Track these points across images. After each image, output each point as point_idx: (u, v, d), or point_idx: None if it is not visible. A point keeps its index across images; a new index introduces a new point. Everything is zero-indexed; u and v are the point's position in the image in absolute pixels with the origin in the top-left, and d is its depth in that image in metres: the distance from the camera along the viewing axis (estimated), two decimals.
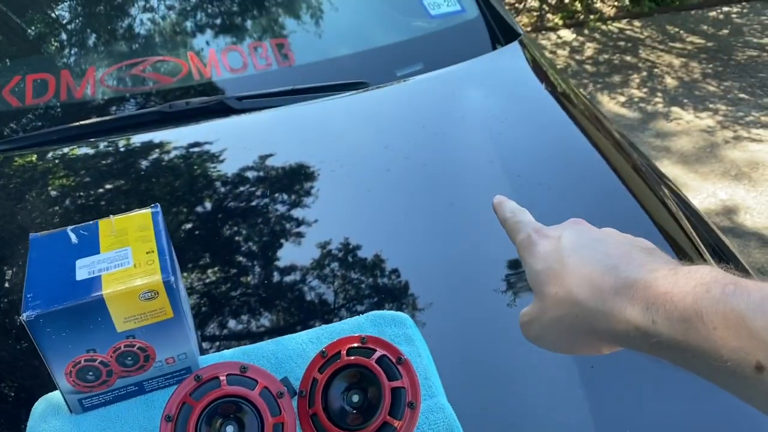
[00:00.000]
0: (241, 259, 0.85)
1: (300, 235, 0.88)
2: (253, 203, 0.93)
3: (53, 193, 0.97)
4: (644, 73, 3.32)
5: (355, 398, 0.62)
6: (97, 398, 0.64)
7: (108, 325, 0.59)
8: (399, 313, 0.73)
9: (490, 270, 0.80)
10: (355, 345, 0.64)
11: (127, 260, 0.61)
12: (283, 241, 0.87)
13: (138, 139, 1.06)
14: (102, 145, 1.05)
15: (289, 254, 0.84)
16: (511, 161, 0.98)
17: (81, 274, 0.60)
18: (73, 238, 0.64)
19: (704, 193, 2.39)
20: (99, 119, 1.08)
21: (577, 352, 0.43)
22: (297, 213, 0.91)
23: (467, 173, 0.98)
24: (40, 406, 0.66)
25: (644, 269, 0.38)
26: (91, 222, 0.66)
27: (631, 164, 1.07)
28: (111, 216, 0.66)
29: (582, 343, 0.42)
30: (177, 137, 1.06)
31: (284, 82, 1.15)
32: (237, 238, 0.88)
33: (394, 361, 0.62)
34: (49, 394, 0.67)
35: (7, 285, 0.83)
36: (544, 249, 0.45)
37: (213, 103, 1.09)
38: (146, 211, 0.67)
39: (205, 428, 0.59)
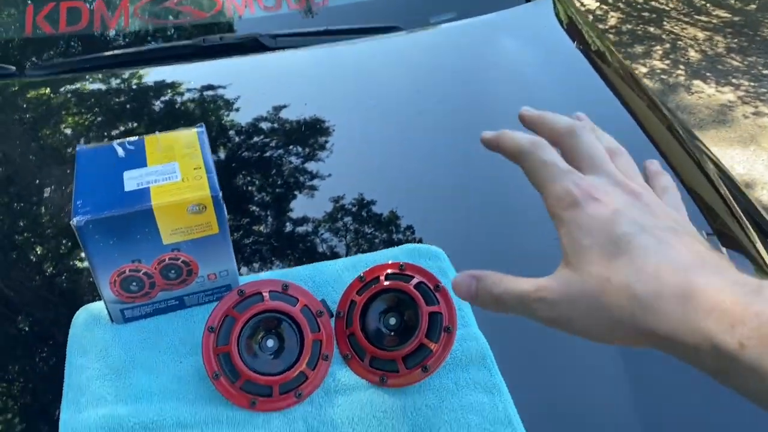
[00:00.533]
0: (276, 190, 0.86)
1: (333, 170, 0.89)
2: (285, 136, 0.94)
3: (82, 118, 0.98)
4: (667, 45, 3.27)
5: (392, 321, 0.63)
6: (138, 310, 0.65)
7: (154, 237, 0.60)
8: (433, 246, 0.74)
9: (523, 210, 0.81)
10: (394, 271, 0.65)
11: (174, 174, 0.61)
12: (317, 175, 0.87)
13: (170, 71, 1.06)
14: (135, 75, 1.05)
15: (324, 187, 0.85)
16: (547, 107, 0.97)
17: (129, 185, 0.60)
18: (120, 151, 0.64)
19: None
20: (132, 50, 1.08)
21: (609, 342, 0.37)
22: (330, 149, 0.92)
23: (498, 121, 0.97)
24: (81, 315, 0.67)
25: (726, 279, 0.34)
26: (136, 137, 0.66)
27: (667, 125, 1.06)
28: (156, 132, 0.67)
29: (623, 336, 0.36)
30: (210, 71, 1.06)
31: (317, 24, 1.14)
32: (272, 169, 0.89)
33: (431, 287, 0.63)
34: (90, 304, 0.68)
35: (52, 198, 0.84)
36: (593, 218, 0.38)
37: (247, 39, 1.08)
38: (192, 131, 0.67)
39: (246, 340, 0.60)
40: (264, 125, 0.96)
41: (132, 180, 0.61)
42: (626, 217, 0.37)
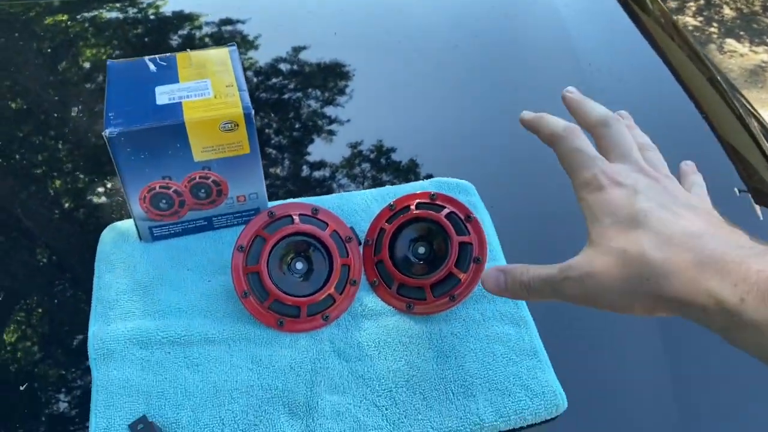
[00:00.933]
0: (305, 121, 0.84)
1: (364, 104, 0.87)
2: (315, 68, 0.92)
3: (103, 43, 0.96)
4: (701, 1, 3.17)
5: (421, 250, 0.63)
6: (167, 228, 0.65)
7: (186, 153, 0.59)
8: (463, 180, 0.72)
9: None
10: (424, 201, 0.64)
11: (207, 91, 0.60)
12: (346, 108, 0.86)
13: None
14: (153, 5, 1.03)
15: (354, 121, 0.83)
16: (582, 50, 0.95)
17: (161, 99, 0.59)
18: (151, 66, 0.63)
19: None
20: None
21: (632, 312, 0.40)
22: (361, 84, 0.90)
23: (536, 56, 0.95)
24: (109, 232, 0.67)
25: (733, 243, 0.36)
26: (167, 54, 0.65)
27: (708, 77, 1.03)
28: (188, 50, 0.66)
29: (642, 304, 0.39)
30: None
31: None
32: (301, 100, 0.87)
33: (462, 217, 0.62)
34: (118, 222, 0.68)
35: (79, 117, 0.83)
36: (614, 200, 0.41)
37: None
38: (224, 49, 0.66)
39: (275, 261, 0.60)
40: (290, 56, 0.94)
41: (164, 95, 0.60)
42: (645, 195, 0.40)
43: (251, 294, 0.59)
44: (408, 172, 0.77)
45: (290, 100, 0.88)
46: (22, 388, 0.57)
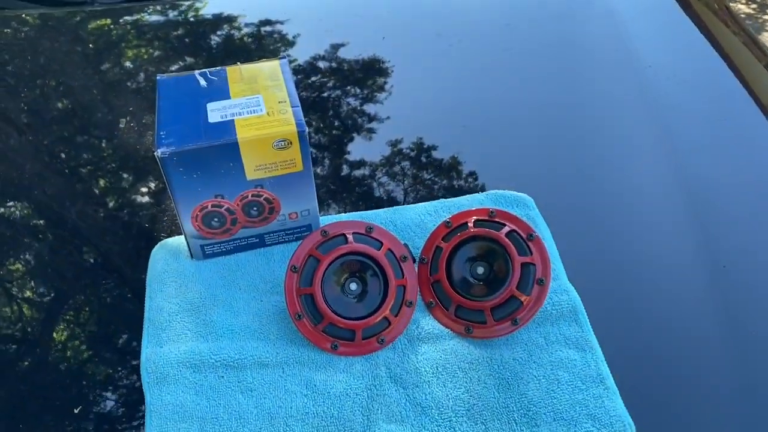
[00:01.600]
0: (352, 131, 0.82)
1: (414, 112, 0.84)
2: (361, 73, 0.90)
3: (148, 49, 0.96)
4: None
5: (480, 270, 0.60)
6: (218, 246, 0.64)
7: (238, 172, 0.58)
8: (522, 194, 0.69)
9: (614, 158, 0.76)
10: (482, 218, 0.61)
11: (259, 108, 0.58)
12: (395, 116, 0.83)
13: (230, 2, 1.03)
14: (191, 8, 1.02)
15: (403, 129, 0.81)
16: (640, 50, 0.90)
17: (213, 117, 0.58)
18: (202, 81, 0.62)
19: None
20: None
21: None
22: (412, 89, 0.88)
23: (594, 58, 0.91)
24: (159, 250, 0.66)
25: None
26: (218, 67, 0.64)
27: (765, 64, 0.98)
28: (238, 63, 0.64)
29: None
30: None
31: None
32: (348, 109, 0.85)
33: (524, 236, 0.59)
34: (168, 239, 0.67)
35: (127, 130, 0.82)
36: None
37: None
38: (275, 62, 0.64)
39: (329, 282, 0.58)
40: (334, 61, 0.92)
41: (216, 112, 0.58)
42: None
43: (305, 316, 0.58)
44: (462, 181, 0.74)
45: (334, 102, 0.86)
46: (76, 411, 0.57)
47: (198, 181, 0.58)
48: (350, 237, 0.60)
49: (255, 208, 0.61)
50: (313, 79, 0.89)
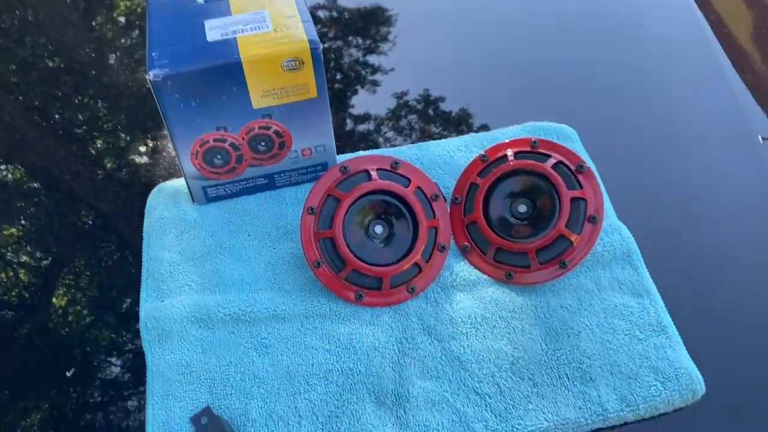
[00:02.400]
0: (376, 57, 0.74)
1: (441, 42, 0.76)
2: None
3: None
4: None
5: (523, 208, 0.53)
6: (223, 188, 0.57)
7: (243, 98, 0.50)
8: (563, 125, 0.62)
9: (655, 83, 0.68)
10: (524, 149, 0.54)
11: (265, 23, 0.50)
12: (420, 45, 0.75)
13: None
14: None
15: (428, 59, 0.73)
16: None
17: (212, 35, 0.50)
18: None
19: None
20: None
21: None
22: (440, 20, 0.79)
23: None
24: (157, 194, 0.59)
25: None
26: None
27: None
28: None
29: None
30: None
31: None
32: (373, 34, 0.77)
33: (573, 168, 0.52)
34: (167, 182, 0.60)
35: (118, 60, 0.74)
36: None
37: None
38: None
39: (351, 225, 0.51)
40: (334, 10, 0.83)
41: (215, 30, 0.50)
42: None
43: (324, 263, 0.51)
44: (492, 118, 0.67)
45: (353, 41, 0.78)
46: (69, 374, 0.50)
47: (197, 111, 0.50)
48: (374, 173, 0.52)
49: (263, 143, 0.54)
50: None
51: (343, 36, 0.78)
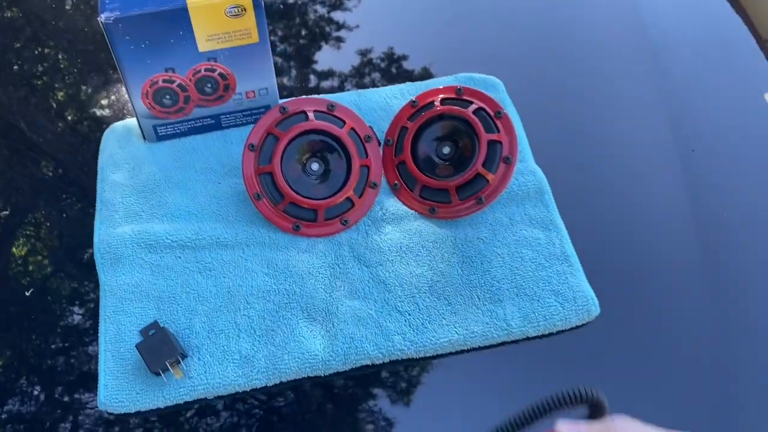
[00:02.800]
0: (318, 13, 0.78)
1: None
2: None
3: None
4: None
5: (446, 150, 0.58)
6: (172, 127, 0.61)
7: (189, 42, 0.54)
8: (490, 76, 0.67)
9: (584, 37, 0.74)
10: (449, 96, 0.59)
11: None
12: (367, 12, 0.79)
13: None
14: None
15: (369, 9, 0.77)
16: None
17: None
18: None
19: None
20: None
21: None
22: None
23: None
24: (111, 132, 0.63)
25: None
26: None
27: None
28: None
29: None
30: None
31: None
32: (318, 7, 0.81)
33: (492, 114, 0.57)
34: (121, 122, 0.64)
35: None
36: None
37: None
38: None
39: (289, 162, 0.56)
40: None
41: None
42: None
43: (264, 196, 0.56)
44: (430, 67, 0.71)
45: (287, 1, 0.81)
46: (28, 294, 0.55)
47: (147, 52, 0.54)
48: (311, 114, 0.57)
49: (209, 84, 0.58)
50: None
51: None
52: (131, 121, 0.63)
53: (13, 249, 0.58)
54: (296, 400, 0.50)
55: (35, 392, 0.50)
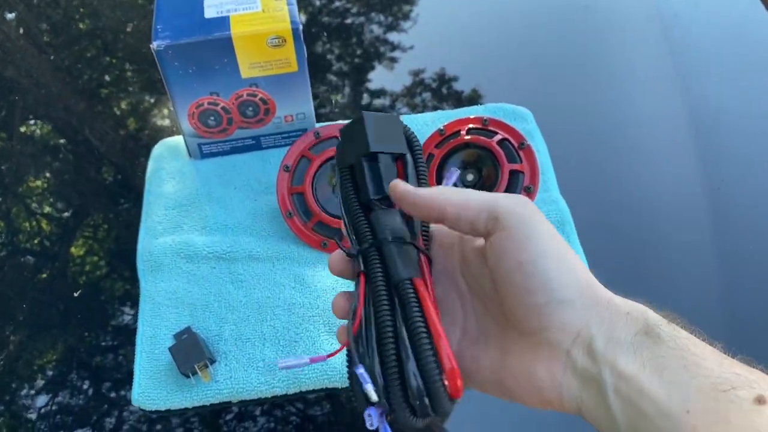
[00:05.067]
0: (356, 43, 0.82)
1: (417, 27, 0.83)
2: None
3: None
4: None
5: (470, 177, 0.61)
6: (215, 146, 0.65)
7: (233, 68, 0.58)
8: (520, 107, 0.69)
9: (613, 76, 0.75)
10: (476, 126, 0.61)
11: (255, 4, 0.58)
12: (397, 30, 0.83)
13: None
14: None
15: (405, 44, 0.80)
16: None
17: (209, 12, 0.58)
18: None
19: None
20: None
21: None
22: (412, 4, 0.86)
23: None
24: (159, 148, 0.68)
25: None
26: None
27: None
28: None
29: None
30: None
31: None
32: (358, 18, 0.84)
33: (515, 145, 0.60)
34: (168, 138, 0.69)
35: (131, 31, 0.83)
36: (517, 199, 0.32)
37: None
38: None
39: (320, 183, 0.60)
40: None
41: (212, 8, 0.58)
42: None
43: (295, 214, 0.59)
44: (463, 97, 0.74)
45: (345, 22, 0.85)
46: (76, 295, 0.60)
47: (193, 77, 0.58)
48: None
49: (250, 108, 0.62)
50: (337, 4, 0.88)
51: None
52: (178, 138, 0.68)
53: (72, 249, 0.63)
54: (313, 407, 0.53)
55: (80, 385, 0.55)
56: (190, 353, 0.53)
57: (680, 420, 0.25)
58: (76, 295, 0.60)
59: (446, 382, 0.27)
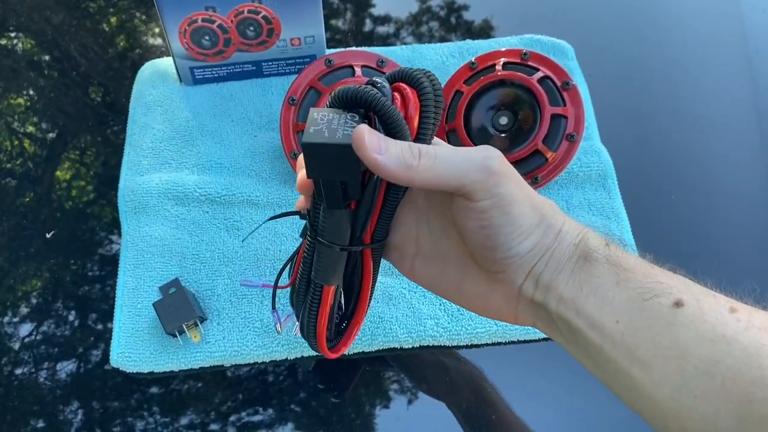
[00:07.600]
0: None
1: None
2: None
3: None
4: None
5: (504, 120, 0.53)
6: (210, 71, 0.57)
7: None
8: (561, 41, 0.60)
9: (671, 7, 0.66)
10: (514, 60, 0.53)
11: None
12: None
13: None
14: None
15: None
16: None
17: None
18: None
19: None
20: None
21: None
22: None
23: None
24: (146, 70, 0.59)
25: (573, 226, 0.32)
26: None
27: None
28: None
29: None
30: None
31: None
32: None
33: (559, 85, 0.51)
34: (157, 59, 0.60)
35: None
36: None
37: None
38: None
39: None
40: None
41: None
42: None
43: None
44: (494, 25, 0.65)
45: None
46: (48, 236, 0.53)
47: None
48: (358, 70, 0.52)
49: (251, 28, 0.53)
50: None
51: None
52: (168, 60, 0.59)
53: (57, 172, 0.56)
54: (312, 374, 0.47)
55: (65, 315, 0.49)
56: (178, 310, 0.46)
57: (611, 329, 0.28)
58: (48, 236, 0.52)
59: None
